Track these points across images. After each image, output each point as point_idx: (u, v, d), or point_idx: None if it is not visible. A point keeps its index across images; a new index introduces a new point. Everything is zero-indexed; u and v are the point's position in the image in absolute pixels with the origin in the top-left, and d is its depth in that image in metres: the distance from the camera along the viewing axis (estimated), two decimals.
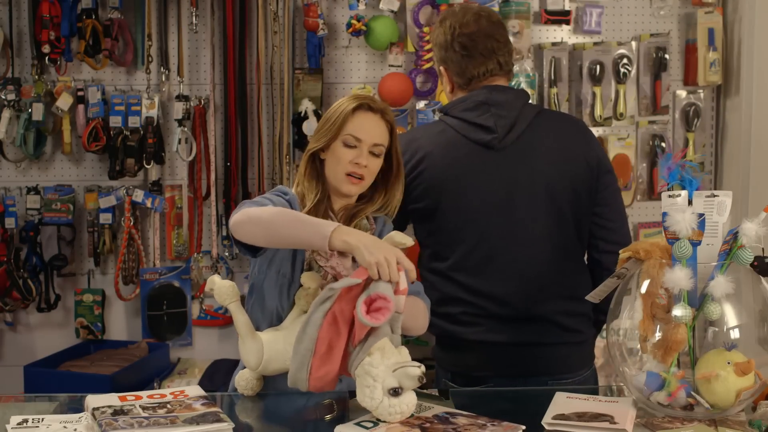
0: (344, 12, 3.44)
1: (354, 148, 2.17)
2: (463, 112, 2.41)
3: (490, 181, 2.38)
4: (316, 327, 1.83)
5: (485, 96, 2.41)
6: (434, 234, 2.44)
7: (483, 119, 2.39)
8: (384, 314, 1.81)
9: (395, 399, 1.80)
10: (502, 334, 2.37)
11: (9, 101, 3.37)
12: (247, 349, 2.08)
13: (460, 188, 2.39)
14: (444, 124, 2.46)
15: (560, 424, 1.82)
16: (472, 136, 2.39)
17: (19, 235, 3.46)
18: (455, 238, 2.40)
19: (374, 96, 2.28)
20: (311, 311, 1.85)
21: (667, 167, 1.91)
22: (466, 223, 2.39)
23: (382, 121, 2.21)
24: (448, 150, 2.41)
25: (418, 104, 3.39)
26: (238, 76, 3.44)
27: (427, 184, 2.41)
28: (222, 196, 3.48)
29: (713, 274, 1.81)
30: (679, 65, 3.55)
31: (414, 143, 2.45)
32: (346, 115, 2.18)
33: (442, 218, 2.41)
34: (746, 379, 1.80)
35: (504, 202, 2.37)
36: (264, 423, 2.11)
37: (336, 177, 2.19)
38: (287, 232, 1.97)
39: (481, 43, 2.43)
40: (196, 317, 3.56)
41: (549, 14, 3.45)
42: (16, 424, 1.80)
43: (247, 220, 2.00)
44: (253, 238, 2.02)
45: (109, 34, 3.39)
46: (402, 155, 2.35)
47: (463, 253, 2.39)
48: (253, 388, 2.12)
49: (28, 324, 3.55)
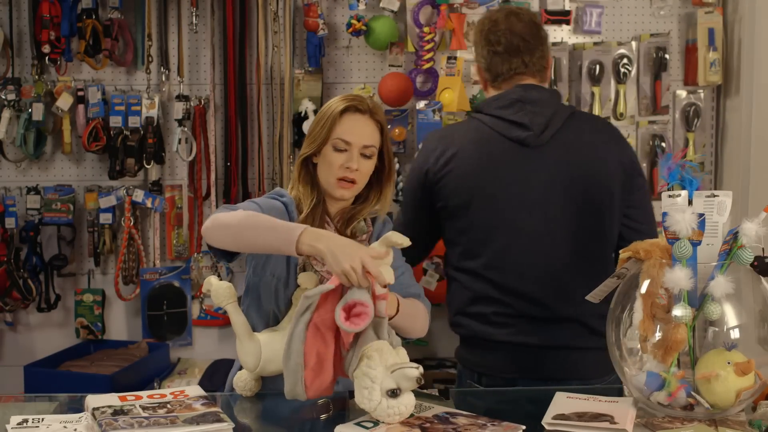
0: (344, 12, 3.44)
1: (344, 152, 2.16)
2: (498, 109, 2.43)
3: (524, 179, 2.38)
4: (301, 340, 1.82)
5: (520, 94, 2.42)
6: (465, 232, 2.43)
7: (518, 116, 2.40)
8: (363, 319, 1.81)
9: (393, 400, 1.80)
10: (534, 336, 2.36)
11: (9, 101, 3.36)
12: (245, 350, 2.08)
13: (495, 185, 2.39)
14: (477, 122, 2.46)
15: (560, 424, 1.82)
16: (507, 133, 2.40)
17: (19, 235, 3.46)
18: (488, 235, 2.39)
19: (370, 96, 2.27)
20: (293, 324, 1.83)
21: (667, 167, 1.91)
22: (500, 221, 2.38)
23: (371, 122, 2.19)
24: (482, 147, 2.41)
25: (418, 104, 3.39)
26: (238, 76, 3.44)
27: (460, 180, 2.40)
28: (222, 196, 3.48)
29: (713, 274, 1.81)
30: (679, 65, 3.55)
31: (445, 140, 2.46)
32: (334, 119, 2.16)
33: (474, 215, 2.40)
34: (746, 379, 1.80)
35: (538, 201, 2.37)
36: (264, 423, 2.11)
37: (328, 182, 2.18)
38: (255, 238, 1.96)
39: (505, 40, 2.45)
40: (196, 317, 3.55)
41: (549, 14, 3.45)
42: (16, 424, 1.80)
43: (216, 226, 2.00)
44: (223, 243, 2.02)
45: (109, 34, 3.39)
46: (432, 152, 2.35)
47: (496, 251, 2.39)
48: (251, 389, 2.12)
49: (28, 324, 3.55)
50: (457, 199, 2.41)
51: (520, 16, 2.49)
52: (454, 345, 2.61)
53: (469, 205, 2.40)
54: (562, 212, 2.37)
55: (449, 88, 3.33)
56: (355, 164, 2.15)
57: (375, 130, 2.20)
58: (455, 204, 2.42)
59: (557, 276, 2.37)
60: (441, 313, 3.51)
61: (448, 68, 3.36)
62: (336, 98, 2.23)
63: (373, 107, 2.21)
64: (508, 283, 2.38)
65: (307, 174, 2.22)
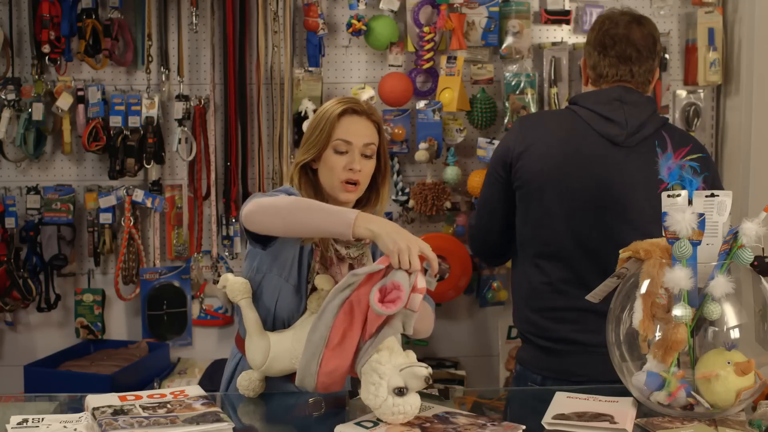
0: (344, 12, 3.44)
1: (345, 154, 2.16)
2: (596, 104, 2.45)
3: (608, 175, 2.39)
4: (333, 313, 1.82)
5: (620, 93, 2.45)
6: (540, 218, 2.44)
7: (615, 114, 2.42)
8: (396, 304, 1.80)
9: (399, 399, 1.79)
10: (600, 336, 2.33)
11: (9, 101, 3.36)
12: (255, 347, 2.08)
13: (577, 175, 2.40)
14: (571, 112, 2.49)
15: (560, 424, 1.82)
16: (599, 127, 2.43)
17: (19, 234, 3.46)
18: (565, 225, 2.40)
19: (371, 97, 2.28)
20: (329, 298, 1.83)
21: (667, 167, 1.91)
22: (577, 212, 2.39)
23: (369, 122, 2.20)
24: (571, 136, 2.44)
25: (418, 104, 3.39)
26: (238, 76, 3.44)
27: (540, 163, 2.42)
28: (222, 196, 3.48)
29: (713, 274, 1.81)
30: (679, 65, 3.55)
31: (535, 123, 2.50)
32: (332, 122, 2.17)
33: (551, 202, 2.42)
34: (746, 379, 1.80)
35: (618, 198, 2.37)
36: (262, 423, 2.11)
37: (332, 185, 2.18)
38: (308, 220, 1.95)
39: (620, 46, 2.46)
40: (196, 317, 3.55)
41: (549, 14, 3.45)
42: (16, 424, 1.80)
43: (263, 209, 1.98)
44: (270, 227, 2.00)
45: (109, 34, 3.39)
46: (518, 132, 2.42)
47: (572, 242, 2.39)
48: (255, 389, 2.12)
49: (28, 324, 3.55)
50: (534, 182, 2.43)
51: (642, 26, 2.49)
52: (454, 345, 2.62)
53: (545, 190, 2.42)
54: (637, 215, 2.37)
55: (449, 88, 3.34)
56: (358, 165, 2.16)
57: (373, 130, 2.21)
58: (531, 186, 2.44)
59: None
60: (441, 313, 3.52)
61: (448, 68, 3.36)
62: (330, 102, 2.23)
63: (369, 108, 2.23)
64: (580, 276, 2.36)
65: (308, 180, 2.22)
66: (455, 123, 3.44)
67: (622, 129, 2.41)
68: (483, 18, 3.40)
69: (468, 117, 3.43)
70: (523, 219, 2.49)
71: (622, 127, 2.42)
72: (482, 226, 2.64)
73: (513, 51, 3.42)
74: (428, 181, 3.42)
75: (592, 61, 2.51)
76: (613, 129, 2.42)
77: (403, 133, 3.40)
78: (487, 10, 3.40)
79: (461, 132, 3.44)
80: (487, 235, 2.64)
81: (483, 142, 3.39)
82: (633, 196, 2.38)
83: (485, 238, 2.66)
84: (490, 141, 3.38)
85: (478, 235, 2.71)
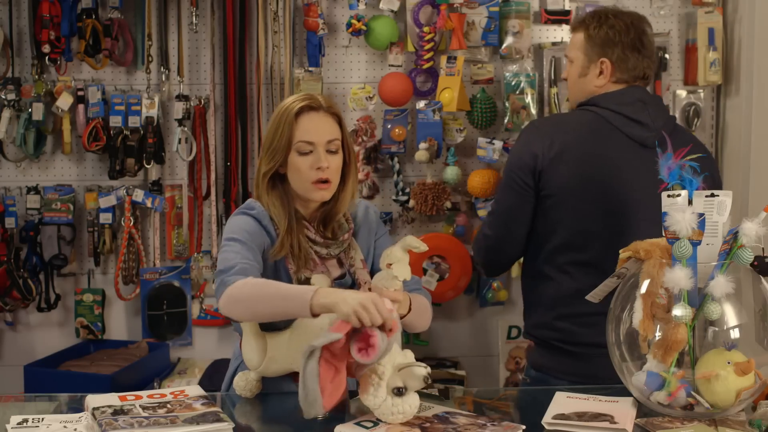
0: (344, 12, 3.44)
1: (310, 154, 2.12)
2: (620, 105, 2.45)
3: (637, 178, 2.38)
4: (315, 380, 1.78)
5: (642, 93, 2.47)
6: (568, 225, 2.42)
7: (641, 115, 2.43)
8: (373, 353, 1.78)
9: (398, 398, 1.80)
10: None
11: (9, 101, 3.36)
12: (251, 347, 2.08)
13: (607, 180, 2.39)
14: (594, 114, 2.47)
15: (560, 424, 1.82)
16: (626, 129, 2.43)
17: (19, 234, 3.46)
18: (595, 229, 2.38)
19: (313, 93, 2.22)
20: (303, 365, 1.78)
21: (667, 167, 1.91)
22: (607, 216, 2.39)
23: (328, 116, 2.16)
24: (599, 139, 2.43)
25: (418, 104, 3.39)
26: (238, 76, 3.44)
27: (573, 169, 2.40)
28: (222, 196, 3.48)
29: (713, 274, 1.81)
30: (679, 65, 3.55)
31: (557, 128, 2.47)
32: (291, 124, 2.12)
33: (582, 208, 2.40)
34: (746, 379, 1.80)
35: (648, 201, 2.33)
36: (263, 423, 2.11)
37: (303, 188, 2.15)
38: (270, 310, 1.95)
39: (648, 44, 2.53)
40: (196, 317, 3.55)
41: (549, 14, 3.45)
42: (16, 423, 1.80)
43: (231, 303, 1.97)
44: (244, 317, 2.03)
45: (109, 33, 3.39)
46: (542, 138, 2.38)
47: (602, 246, 2.37)
48: (252, 390, 2.12)
49: (28, 324, 3.55)
50: (568, 189, 2.41)
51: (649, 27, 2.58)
52: (454, 345, 2.61)
53: (577, 196, 2.40)
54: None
55: (449, 88, 3.34)
56: (325, 162, 2.12)
57: (334, 123, 2.17)
58: (563, 195, 2.41)
59: None
60: (441, 313, 3.52)
61: (448, 68, 3.36)
62: (285, 102, 2.19)
63: (325, 101, 2.18)
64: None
65: (275, 189, 2.18)
66: (455, 123, 3.44)
67: (650, 130, 2.41)
68: (483, 18, 3.40)
69: (468, 117, 3.43)
70: (551, 227, 2.45)
71: (649, 128, 2.42)
72: (502, 237, 2.53)
73: (513, 51, 3.42)
74: (428, 181, 3.42)
75: (624, 61, 2.49)
76: (641, 131, 2.42)
77: (403, 134, 3.40)
78: (487, 10, 3.40)
79: (461, 132, 3.44)
80: (506, 246, 2.54)
81: (483, 142, 3.39)
82: (655, 196, 2.35)
83: (504, 248, 2.56)
84: (490, 141, 3.38)
85: (494, 246, 2.57)
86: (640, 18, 2.57)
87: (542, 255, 2.48)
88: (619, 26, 2.52)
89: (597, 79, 2.52)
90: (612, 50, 2.51)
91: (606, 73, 2.51)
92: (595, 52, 2.52)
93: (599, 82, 2.52)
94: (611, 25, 2.52)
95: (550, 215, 2.45)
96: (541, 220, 2.47)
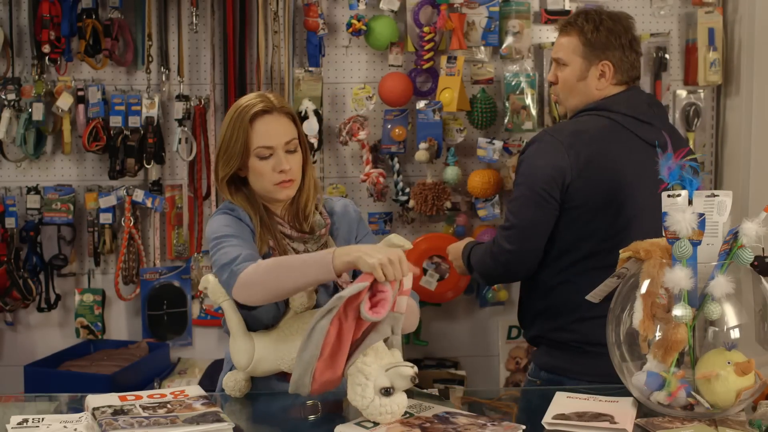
0: (344, 12, 3.44)
1: (270, 158, 2.11)
2: (631, 108, 2.46)
3: (651, 182, 2.36)
4: (323, 334, 1.81)
5: (647, 96, 2.50)
6: (597, 233, 2.41)
7: (650, 116, 2.46)
8: (384, 307, 1.80)
9: (386, 399, 1.79)
10: None
11: (9, 101, 3.36)
12: (238, 348, 2.07)
13: (631, 187, 2.40)
14: (610, 120, 2.47)
15: (560, 424, 1.82)
16: (641, 133, 2.44)
17: (19, 234, 3.46)
18: (622, 236, 2.33)
19: (265, 93, 2.20)
20: (317, 318, 1.82)
21: (667, 167, 1.91)
22: (631, 221, 2.39)
23: (281, 116, 2.14)
24: (623, 146, 2.43)
25: (418, 104, 3.39)
26: (238, 76, 3.44)
27: (599, 181, 2.40)
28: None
29: (713, 274, 1.81)
30: (680, 65, 3.55)
31: (580, 137, 2.43)
32: (246, 129, 2.10)
33: (608, 215, 2.40)
34: (746, 379, 1.80)
35: (656, 205, 2.34)
36: (265, 424, 2.10)
37: (266, 189, 2.15)
38: (295, 280, 1.93)
39: (639, 44, 2.56)
40: (196, 317, 3.56)
41: (549, 14, 3.45)
42: (16, 424, 1.80)
43: (248, 285, 1.96)
44: (263, 298, 1.99)
45: (109, 34, 3.39)
46: (567, 149, 2.38)
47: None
48: (241, 389, 2.12)
49: (28, 324, 3.55)
50: (596, 198, 2.40)
51: None
52: (454, 345, 2.60)
53: (603, 206, 2.40)
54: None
55: (449, 88, 3.34)
56: (286, 164, 2.11)
57: (289, 122, 2.15)
58: (596, 203, 2.40)
59: None
60: (441, 313, 3.52)
61: (448, 68, 3.36)
62: (238, 105, 2.16)
63: (278, 101, 2.16)
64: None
65: (240, 191, 2.17)
66: (455, 123, 3.44)
67: (657, 130, 2.41)
68: (483, 18, 3.40)
69: (468, 117, 3.43)
70: (577, 236, 2.43)
71: (656, 128, 2.43)
72: (528, 251, 2.47)
73: (513, 51, 3.42)
74: (428, 181, 3.42)
75: (625, 63, 2.50)
76: (651, 131, 2.43)
77: (403, 134, 3.40)
78: (487, 10, 3.40)
79: (461, 132, 3.44)
80: (528, 259, 2.49)
81: (483, 142, 3.39)
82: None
83: (525, 261, 2.50)
84: (491, 141, 3.38)
85: (516, 260, 2.49)
86: (628, 17, 2.58)
87: (563, 264, 2.46)
88: (618, 29, 2.52)
89: (598, 81, 2.51)
90: (613, 52, 2.50)
91: (608, 75, 2.51)
92: (596, 55, 2.51)
93: (600, 85, 2.52)
94: (609, 27, 2.51)
95: (576, 226, 2.43)
96: (564, 230, 2.45)
